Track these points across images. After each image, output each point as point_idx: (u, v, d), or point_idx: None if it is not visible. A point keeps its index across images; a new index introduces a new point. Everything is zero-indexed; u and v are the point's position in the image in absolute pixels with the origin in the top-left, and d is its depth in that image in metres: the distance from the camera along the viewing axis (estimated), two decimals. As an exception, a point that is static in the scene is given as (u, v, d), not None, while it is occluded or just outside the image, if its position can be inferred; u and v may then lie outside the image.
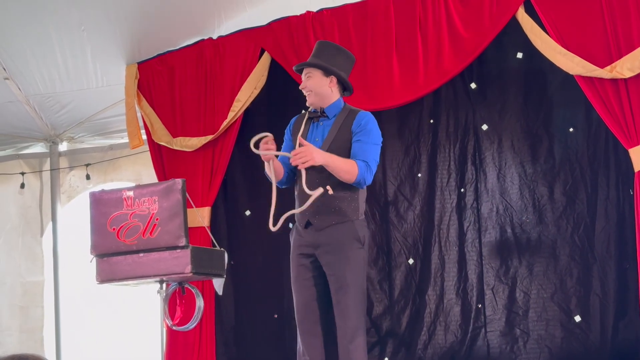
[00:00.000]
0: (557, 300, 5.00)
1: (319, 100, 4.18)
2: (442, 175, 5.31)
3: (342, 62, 4.23)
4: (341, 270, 4.03)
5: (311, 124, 4.23)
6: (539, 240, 5.07)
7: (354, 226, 4.09)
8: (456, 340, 5.17)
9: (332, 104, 4.20)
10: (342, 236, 4.06)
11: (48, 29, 5.89)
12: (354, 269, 4.05)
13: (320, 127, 4.19)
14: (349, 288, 4.02)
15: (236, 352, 5.75)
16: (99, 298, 6.67)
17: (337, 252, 4.05)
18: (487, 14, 5.13)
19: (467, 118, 5.29)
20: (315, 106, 4.21)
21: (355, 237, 4.08)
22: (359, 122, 4.14)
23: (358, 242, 4.09)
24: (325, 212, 4.07)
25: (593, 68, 4.81)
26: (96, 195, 4.45)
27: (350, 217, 4.09)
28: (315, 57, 4.20)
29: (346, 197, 4.09)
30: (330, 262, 4.06)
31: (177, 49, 6.01)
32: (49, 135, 6.85)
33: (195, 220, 5.35)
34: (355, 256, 4.07)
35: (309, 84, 4.18)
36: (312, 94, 4.18)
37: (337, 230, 4.07)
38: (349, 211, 4.09)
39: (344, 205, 4.08)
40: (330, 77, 4.18)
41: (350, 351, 4.02)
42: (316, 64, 4.18)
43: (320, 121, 4.19)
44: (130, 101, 6.06)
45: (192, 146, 5.83)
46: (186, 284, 4.57)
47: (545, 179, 5.10)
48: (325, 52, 4.22)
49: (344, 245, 4.06)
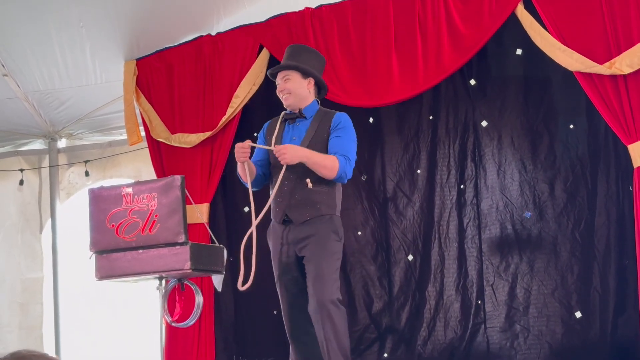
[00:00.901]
0: (558, 296, 5.00)
1: (297, 101, 4.24)
2: (442, 171, 5.31)
3: (316, 63, 4.30)
4: (319, 260, 4.06)
5: (286, 125, 4.29)
6: (539, 237, 5.08)
7: (332, 220, 4.14)
8: (456, 337, 5.17)
9: (309, 105, 4.27)
10: (321, 229, 4.10)
11: (47, 26, 5.88)
12: (330, 259, 4.08)
13: (297, 128, 4.25)
14: (325, 277, 4.03)
15: (235, 348, 5.75)
16: (98, 295, 6.67)
17: (317, 243, 4.08)
18: (487, 10, 5.12)
19: (467, 114, 5.29)
20: (292, 108, 4.27)
21: (333, 230, 4.12)
22: (337, 121, 4.21)
23: (336, 235, 4.13)
24: (302, 206, 4.12)
25: (592, 64, 4.81)
26: (95, 191, 4.44)
27: (326, 212, 4.13)
28: (291, 59, 4.26)
29: (323, 191, 4.14)
30: (310, 254, 4.09)
31: (175, 45, 6.00)
32: (47, 132, 6.84)
33: (194, 217, 5.35)
34: (332, 248, 4.11)
35: (288, 86, 4.23)
36: (290, 96, 4.23)
37: (315, 224, 4.11)
38: (325, 207, 4.13)
39: (320, 200, 4.12)
40: (309, 79, 4.26)
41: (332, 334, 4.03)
42: (295, 65, 4.23)
43: (297, 122, 4.25)
44: (128, 98, 6.06)
45: (190, 142, 5.82)
46: (185, 280, 4.57)
47: (545, 175, 5.10)
48: (300, 54, 4.28)
49: (323, 237, 4.09)
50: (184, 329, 5.18)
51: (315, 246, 4.09)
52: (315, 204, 4.12)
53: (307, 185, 4.09)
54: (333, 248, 4.11)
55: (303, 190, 4.10)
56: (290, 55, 4.30)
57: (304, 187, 4.09)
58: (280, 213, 4.18)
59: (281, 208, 4.16)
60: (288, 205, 4.14)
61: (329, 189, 4.15)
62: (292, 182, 4.14)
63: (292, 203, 4.13)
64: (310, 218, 4.11)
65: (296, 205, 4.13)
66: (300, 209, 4.12)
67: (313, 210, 4.12)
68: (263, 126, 4.43)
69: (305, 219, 4.12)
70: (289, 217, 4.15)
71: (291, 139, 4.21)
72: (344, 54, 5.40)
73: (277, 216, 4.21)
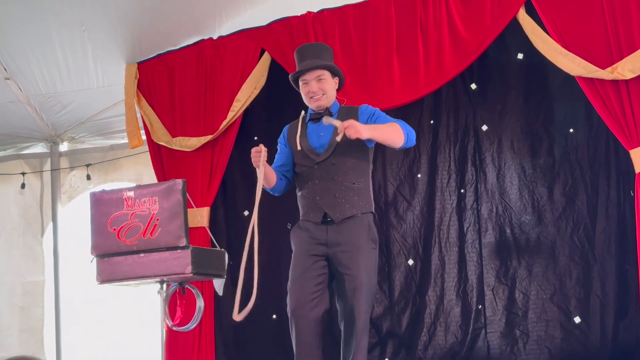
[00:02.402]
0: (557, 301, 5.00)
1: (328, 101, 4.15)
2: (442, 175, 5.31)
3: (328, 53, 4.21)
4: (358, 271, 3.96)
5: (309, 124, 4.19)
6: (538, 241, 5.08)
7: (368, 224, 4.05)
8: (456, 341, 5.17)
9: (334, 103, 4.20)
10: (358, 236, 4.01)
11: (49, 29, 5.89)
12: (369, 270, 4.00)
13: (323, 125, 4.11)
14: (363, 289, 3.95)
15: (236, 353, 5.75)
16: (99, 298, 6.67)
17: (353, 252, 3.98)
18: (488, 15, 5.13)
19: (467, 119, 5.29)
20: (322, 109, 4.16)
21: (371, 238, 4.04)
22: (364, 111, 4.14)
23: (373, 243, 4.06)
24: (341, 204, 4.02)
25: (594, 69, 4.81)
26: (97, 195, 4.45)
27: (363, 209, 4.05)
28: (318, 58, 4.14)
29: (360, 188, 4.06)
30: (346, 262, 3.98)
31: (177, 48, 6.01)
32: (49, 136, 6.85)
33: (195, 221, 5.35)
34: (370, 257, 4.03)
35: (324, 87, 4.11)
36: (325, 96, 4.12)
37: (353, 228, 4.01)
38: (362, 203, 4.05)
39: (357, 197, 4.04)
40: (335, 79, 4.18)
41: (355, 354, 3.98)
42: (330, 66, 4.13)
43: (322, 121, 4.13)
44: (129, 101, 6.06)
45: (191, 146, 5.82)
46: (186, 284, 4.56)
47: (545, 179, 5.10)
48: (323, 53, 4.19)
49: (360, 245, 4.00)
50: (184, 333, 5.18)
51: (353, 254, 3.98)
52: (353, 202, 4.01)
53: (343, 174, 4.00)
54: (370, 258, 4.01)
55: (339, 189, 4.01)
56: (314, 54, 4.16)
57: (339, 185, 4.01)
58: (319, 214, 4.05)
59: (318, 208, 4.05)
60: (326, 204, 4.02)
61: (364, 184, 4.06)
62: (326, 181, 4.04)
63: (330, 202, 4.02)
64: (350, 217, 4.01)
65: (334, 205, 4.01)
66: (340, 208, 4.01)
67: (351, 209, 4.01)
68: (282, 131, 4.30)
69: (345, 217, 4.01)
70: (329, 215, 4.03)
71: (319, 136, 4.11)
72: (346, 58, 5.40)
73: (316, 216, 4.06)
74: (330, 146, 4.07)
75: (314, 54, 4.15)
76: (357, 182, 4.06)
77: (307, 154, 4.12)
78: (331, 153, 4.06)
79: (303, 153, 4.13)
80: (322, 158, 4.07)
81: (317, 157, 4.09)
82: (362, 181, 4.08)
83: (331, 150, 4.06)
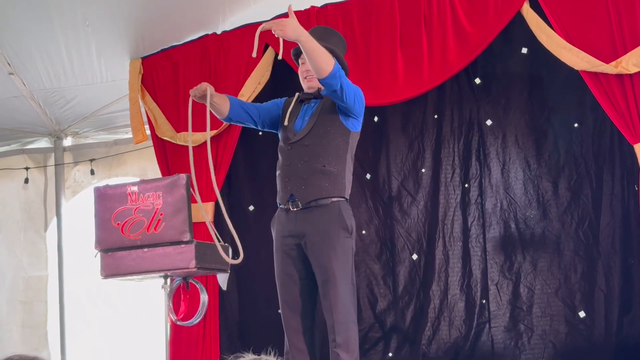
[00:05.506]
0: (561, 295, 5.00)
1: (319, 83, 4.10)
2: (446, 170, 5.30)
3: (341, 45, 4.19)
4: (329, 261, 3.91)
5: (302, 106, 4.18)
6: (543, 236, 5.08)
7: (339, 211, 3.97)
8: (460, 336, 5.17)
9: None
10: (328, 223, 3.95)
11: (53, 24, 5.89)
12: (342, 260, 3.94)
13: (311, 107, 4.13)
14: (337, 281, 3.91)
15: (240, 347, 5.73)
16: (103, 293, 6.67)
17: (323, 241, 3.94)
18: (492, 9, 5.12)
19: (472, 113, 5.28)
20: (314, 89, 4.17)
21: (342, 226, 3.97)
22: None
23: (345, 231, 3.98)
24: (307, 187, 3.96)
25: (598, 63, 4.80)
26: (101, 190, 4.45)
27: (332, 194, 3.97)
28: (321, 40, 4.04)
29: (331, 172, 3.98)
30: (316, 253, 3.95)
31: (181, 43, 6.00)
32: (53, 130, 6.85)
33: (199, 215, 5.34)
34: (342, 246, 3.96)
35: None
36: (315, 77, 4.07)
37: (322, 216, 3.96)
38: (332, 189, 3.97)
39: (328, 182, 3.97)
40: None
41: (339, 346, 3.91)
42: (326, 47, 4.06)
43: (311, 102, 4.15)
44: (133, 96, 6.06)
45: (195, 141, 5.81)
46: (190, 279, 4.57)
47: (549, 174, 5.09)
48: (328, 36, 4.17)
49: (330, 233, 3.94)
50: (188, 327, 5.18)
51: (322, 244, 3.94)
52: (324, 185, 3.96)
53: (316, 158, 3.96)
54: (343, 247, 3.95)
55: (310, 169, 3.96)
56: (319, 36, 4.09)
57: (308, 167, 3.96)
58: (286, 195, 4.02)
59: (287, 189, 4.02)
60: (294, 185, 3.99)
61: (338, 168, 4.00)
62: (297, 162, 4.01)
63: (300, 182, 3.97)
64: (318, 199, 3.96)
65: (304, 185, 3.97)
66: (308, 189, 3.96)
67: (320, 191, 3.95)
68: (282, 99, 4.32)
69: (313, 198, 3.96)
70: (295, 197, 3.99)
71: (303, 119, 4.11)
72: (349, 52, 5.36)
73: (283, 198, 4.04)
74: (305, 128, 4.06)
75: (319, 36, 4.09)
76: (329, 166, 3.99)
77: (287, 132, 4.12)
78: (305, 134, 4.04)
79: (285, 130, 4.13)
80: (297, 139, 4.05)
81: (293, 136, 4.08)
82: (334, 165, 4.00)
83: (306, 131, 4.05)
